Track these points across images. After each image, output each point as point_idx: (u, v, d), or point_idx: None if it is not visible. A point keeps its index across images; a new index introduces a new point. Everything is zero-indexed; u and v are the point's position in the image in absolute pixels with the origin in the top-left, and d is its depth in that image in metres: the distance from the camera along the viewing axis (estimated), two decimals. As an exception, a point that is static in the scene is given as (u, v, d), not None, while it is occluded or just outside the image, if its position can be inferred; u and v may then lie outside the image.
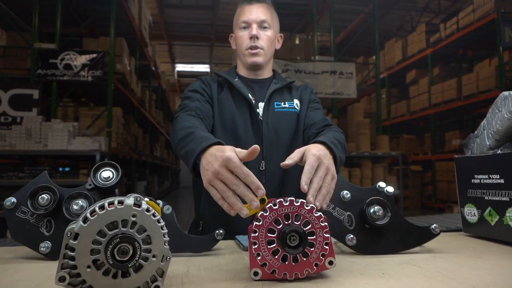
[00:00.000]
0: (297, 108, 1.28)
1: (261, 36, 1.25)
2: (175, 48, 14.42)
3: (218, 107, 1.22)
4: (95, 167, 0.75)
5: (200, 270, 0.64)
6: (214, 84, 1.27)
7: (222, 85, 1.28)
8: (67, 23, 6.48)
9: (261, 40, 1.25)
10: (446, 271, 0.62)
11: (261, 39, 1.25)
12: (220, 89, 1.27)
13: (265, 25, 1.26)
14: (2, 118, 5.42)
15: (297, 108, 1.28)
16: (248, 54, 1.25)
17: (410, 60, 8.49)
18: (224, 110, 1.21)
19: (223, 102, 1.22)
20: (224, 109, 1.21)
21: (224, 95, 1.24)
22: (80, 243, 0.47)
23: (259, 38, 1.24)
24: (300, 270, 0.58)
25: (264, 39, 1.26)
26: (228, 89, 1.25)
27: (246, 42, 1.25)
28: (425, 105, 8.32)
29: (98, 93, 6.75)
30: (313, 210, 0.58)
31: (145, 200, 0.53)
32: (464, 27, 6.87)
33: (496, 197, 0.85)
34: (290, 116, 1.25)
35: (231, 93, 1.24)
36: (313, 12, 6.74)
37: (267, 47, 1.27)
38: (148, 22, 8.30)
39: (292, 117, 1.25)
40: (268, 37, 1.27)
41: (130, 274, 0.49)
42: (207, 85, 1.26)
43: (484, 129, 0.90)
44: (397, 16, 10.17)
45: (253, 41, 1.24)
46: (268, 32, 1.27)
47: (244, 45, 1.26)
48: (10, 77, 5.77)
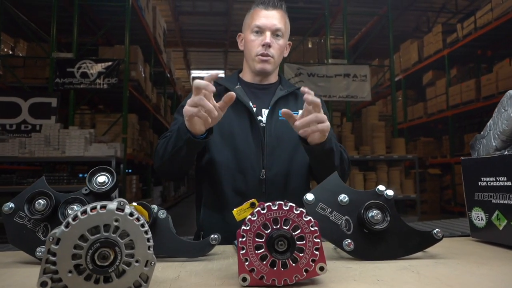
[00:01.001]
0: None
1: (273, 44, 1.23)
2: (190, 54, 14.62)
3: None
4: (90, 172, 0.76)
5: (191, 276, 0.63)
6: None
7: (219, 94, 1.26)
8: (84, 33, 6.66)
9: (272, 49, 1.23)
10: (445, 278, 0.60)
11: (272, 48, 1.23)
12: (216, 98, 1.25)
13: (279, 33, 1.24)
14: (23, 126, 5.59)
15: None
16: (258, 60, 1.23)
17: (426, 61, 8.35)
18: (222, 118, 1.21)
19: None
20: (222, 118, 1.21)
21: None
22: (61, 248, 0.47)
23: (271, 47, 1.22)
24: (289, 276, 0.56)
25: (275, 48, 1.23)
26: None
27: (258, 49, 1.22)
28: (442, 107, 8.14)
29: (114, 100, 6.90)
30: (303, 214, 0.57)
31: (129, 205, 0.52)
32: (482, 26, 6.71)
33: (504, 200, 0.81)
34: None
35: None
36: (326, 15, 6.71)
37: (277, 55, 1.25)
38: (162, 30, 8.44)
39: None
40: (280, 46, 1.25)
41: (112, 279, 0.49)
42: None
43: (490, 130, 0.87)
44: (413, 17, 10.04)
45: (265, 49, 1.21)
46: (280, 41, 1.25)
47: (254, 51, 1.23)
48: (30, 86, 5.96)
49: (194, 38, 12.74)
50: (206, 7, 10.59)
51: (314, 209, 0.76)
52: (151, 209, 0.74)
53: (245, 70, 1.33)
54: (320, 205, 0.76)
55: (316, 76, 6.15)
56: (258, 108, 1.24)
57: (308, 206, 0.76)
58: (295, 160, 1.20)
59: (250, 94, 1.27)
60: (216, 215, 1.17)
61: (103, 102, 7.93)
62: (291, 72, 6.10)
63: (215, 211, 1.18)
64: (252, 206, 0.60)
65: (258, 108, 1.24)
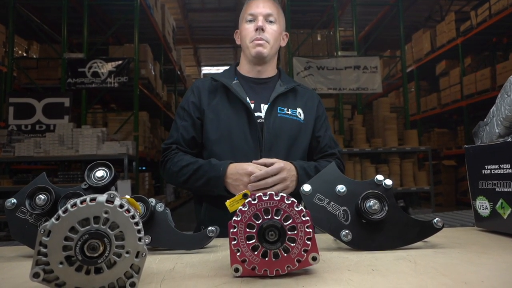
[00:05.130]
0: (300, 117, 1.27)
1: (267, 28, 1.24)
2: (200, 51, 14.66)
3: (212, 113, 1.22)
4: (89, 167, 0.77)
5: (186, 267, 0.64)
6: (205, 91, 1.27)
7: (216, 89, 1.27)
8: (94, 33, 6.75)
9: (266, 33, 1.24)
10: (442, 267, 0.59)
11: (266, 32, 1.24)
12: (212, 95, 1.26)
13: (271, 19, 1.26)
14: (37, 126, 5.71)
15: (300, 117, 1.27)
16: (253, 45, 1.24)
17: (439, 51, 8.17)
18: (219, 116, 1.21)
19: (217, 108, 1.22)
20: (219, 115, 1.22)
21: (219, 101, 1.24)
22: (52, 240, 0.48)
23: (265, 31, 1.24)
24: (281, 266, 0.56)
25: (269, 32, 1.25)
26: (224, 94, 1.25)
27: (252, 34, 1.25)
28: (457, 97, 7.97)
29: (125, 98, 6.98)
30: (294, 204, 0.57)
31: (121, 197, 0.53)
32: (497, 12, 6.52)
33: (508, 188, 0.79)
34: (293, 123, 1.24)
35: (228, 97, 1.24)
36: (334, 7, 6.62)
37: (272, 40, 1.26)
38: (171, 27, 8.48)
39: (295, 125, 1.24)
40: (274, 30, 1.26)
41: (103, 270, 0.49)
42: (195, 96, 1.27)
43: (493, 116, 0.84)
44: (425, 6, 9.82)
45: (259, 33, 1.23)
46: (274, 26, 1.26)
47: (249, 37, 1.25)
48: (43, 87, 6.08)
49: (204, 35, 12.76)
50: (214, 3, 10.59)
51: (311, 200, 0.75)
52: (148, 202, 0.75)
53: (243, 63, 1.34)
54: (317, 196, 0.75)
55: (326, 69, 6.08)
56: (257, 103, 1.25)
57: (305, 197, 0.75)
58: (292, 156, 1.21)
59: (248, 89, 1.27)
60: (217, 210, 1.18)
61: (114, 101, 8.03)
62: (300, 66, 6.05)
63: (216, 206, 1.19)
64: (245, 197, 0.60)
65: (256, 103, 1.24)
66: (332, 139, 1.33)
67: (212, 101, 1.24)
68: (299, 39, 6.59)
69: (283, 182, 1.07)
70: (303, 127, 1.26)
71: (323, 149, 1.30)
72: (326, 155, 1.29)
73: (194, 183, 1.15)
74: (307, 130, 1.28)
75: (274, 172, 1.06)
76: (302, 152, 1.25)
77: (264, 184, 1.05)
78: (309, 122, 1.29)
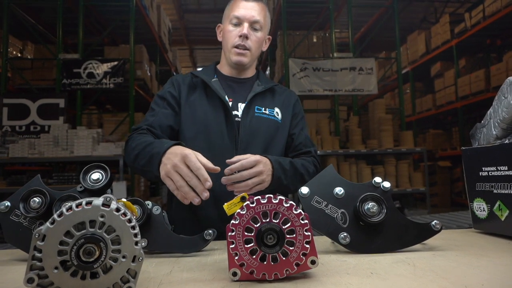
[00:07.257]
0: (277, 117, 1.26)
1: (251, 36, 1.23)
2: (196, 52, 14.63)
3: (189, 108, 1.21)
4: (84, 169, 0.76)
5: (183, 271, 0.63)
6: (185, 86, 1.26)
7: (195, 85, 1.26)
8: (89, 33, 6.70)
9: (250, 41, 1.23)
10: (441, 270, 0.58)
11: (250, 40, 1.23)
12: (192, 90, 1.25)
13: (257, 27, 1.25)
14: (32, 127, 5.66)
15: (277, 117, 1.26)
16: (234, 52, 1.24)
17: (434, 52, 8.21)
18: (196, 112, 1.20)
19: (195, 104, 1.21)
20: (196, 111, 1.20)
21: (197, 96, 1.22)
22: (47, 245, 0.47)
23: (248, 39, 1.23)
24: (279, 270, 0.55)
25: (253, 40, 1.24)
26: (203, 90, 1.24)
27: (235, 40, 1.23)
28: (451, 99, 8.01)
29: (120, 99, 6.94)
30: (293, 207, 0.56)
31: (118, 201, 0.52)
32: (491, 15, 6.56)
33: (505, 190, 0.79)
34: (270, 123, 1.24)
35: (206, 94, 1.23)
36: (330, 9, 6.64)
37: (254, 48, 1.26)
38: (167, 28, 8.45)
39: (272, 124, 1.24)
40: (258, 38, 1.26)
41: (99, 275, 0.48)
42: (175, 88, 1.25)
43: (490, 118, 0.85)
44: (420, 8, 9.87)
45: (242, 40, 1.22)
46: (259, 34, 1.26)
47: (231, 42, 1.24)
48: (38, 87, 6.02)
49: (200, 36, 12.72)
50: (210, 4, 10.56)
51: (309, 203, 0.75)
52: (145, 205, 0.74)
53: (223, 62, 1.33)
54: (315, 198, 0.75)
55: (322, 70, 6.09)
56: (235, 102, 1.24)
57: (303, 200, 0.75)
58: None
59: (226, 87, 1.27)
60: (186, 209, 1.15)
61: (110, 102, 7.98)
62: (296, 67, 6.05)
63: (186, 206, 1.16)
64: (243, 200, 0.60)
65: (234, 102, 1.24)
66: (308, 139, 1.31)
67: (191, 96, 1.23)
68: (295, 41, 6.59)
69: (259, 175, 1.01)
70: (281, 127, 1.26)
71: (298, 147, 1.28)
72: (300, 153, 1.27)
73: (139, 162, 1.04)
74: (284, 130, 1.27)
75: (249, 165, 0.99)
76: (279, 152, 1.25)
77: (240, 177, 0.98)
78: (286, 122, 1.28)
